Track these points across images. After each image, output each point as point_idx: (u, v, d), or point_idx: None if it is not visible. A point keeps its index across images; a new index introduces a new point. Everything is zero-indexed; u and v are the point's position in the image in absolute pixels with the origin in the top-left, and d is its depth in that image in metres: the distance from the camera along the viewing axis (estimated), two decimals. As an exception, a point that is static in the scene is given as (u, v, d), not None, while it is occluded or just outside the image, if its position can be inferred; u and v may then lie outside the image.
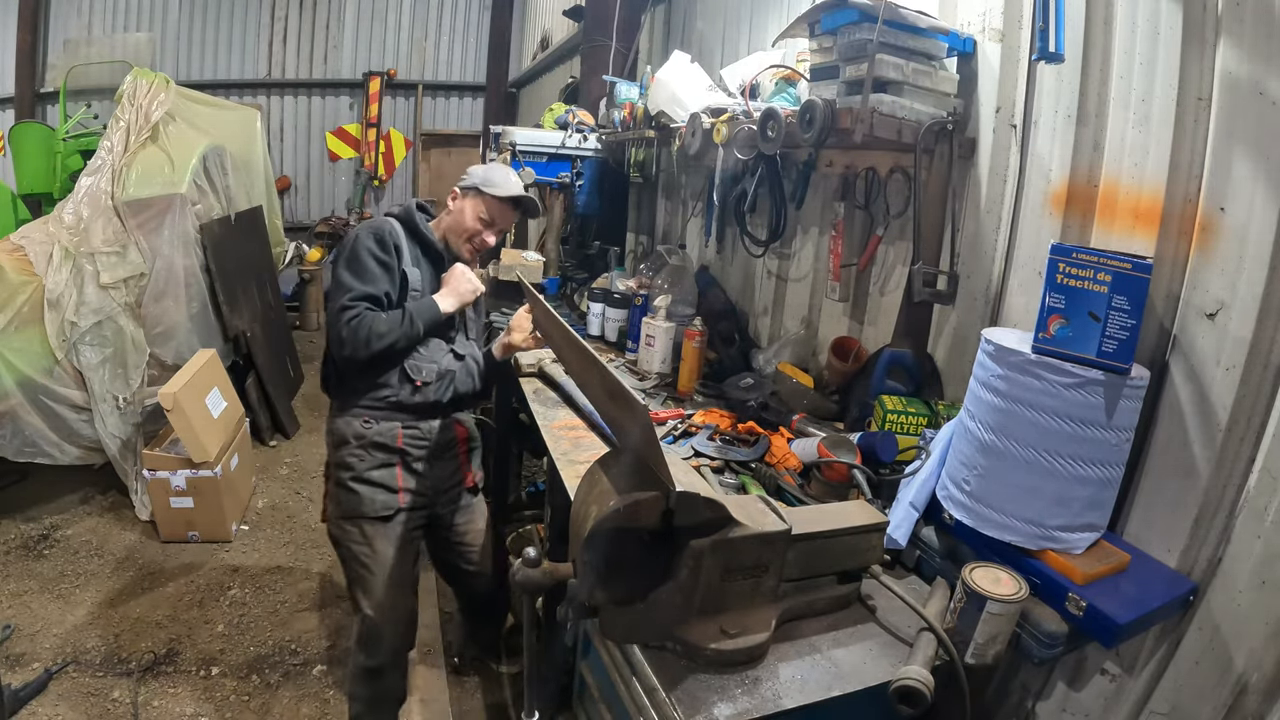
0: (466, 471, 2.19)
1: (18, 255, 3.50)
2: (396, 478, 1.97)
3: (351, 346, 1.81)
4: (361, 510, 1.95)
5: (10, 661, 2.61)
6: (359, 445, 1.95)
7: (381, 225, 1.94)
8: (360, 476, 1.95)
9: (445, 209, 2.09)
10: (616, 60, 4.00)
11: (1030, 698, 1.53)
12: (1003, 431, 1.23)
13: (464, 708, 2.57)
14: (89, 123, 6.84)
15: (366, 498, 1.95)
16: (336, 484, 1.98)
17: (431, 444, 2.04)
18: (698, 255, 3.26)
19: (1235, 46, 1.20)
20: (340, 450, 1.96)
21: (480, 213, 2.04)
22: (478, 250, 2.09)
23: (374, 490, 1.95)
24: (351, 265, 1.87)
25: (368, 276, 1.86)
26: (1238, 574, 1.19)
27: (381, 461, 1.96)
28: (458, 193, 2.09)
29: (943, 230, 1.78)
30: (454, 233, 2.05)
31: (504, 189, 2.05)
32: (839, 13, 1.64)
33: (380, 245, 1.90)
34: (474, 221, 2.04)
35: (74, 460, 3.52)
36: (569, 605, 1.10)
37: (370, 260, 1.87)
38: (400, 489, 1.98)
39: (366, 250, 1.87)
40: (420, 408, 2.00)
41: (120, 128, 4.07)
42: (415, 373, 1.97)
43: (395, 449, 1.97)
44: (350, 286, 1.84)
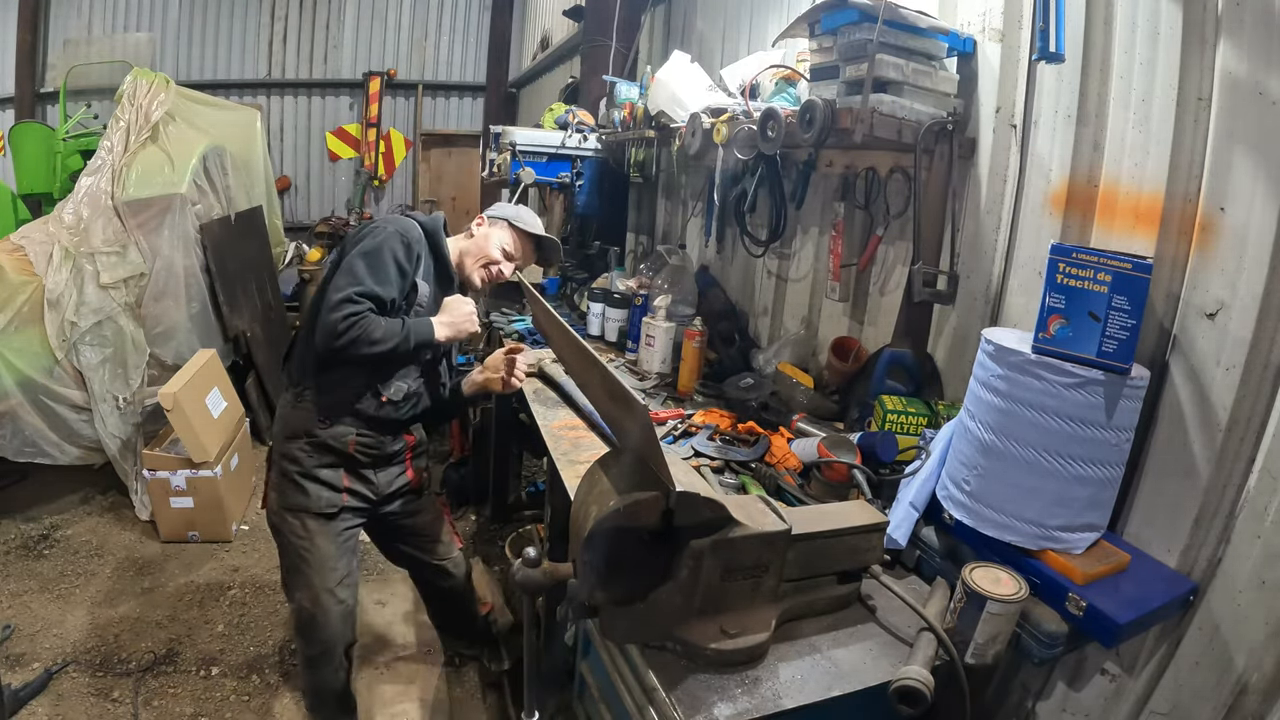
0: (411, 474, 2.19)
1: (18, 255, 3.50)
2: (342, 479, 1.98)
3: (342, 341, 1.75)
4: (305, 505, 1.95)
5: (10, 661, 2.61)
6: (309, 442, 1.93)
7: (410, 231, 1.90)
8: (307, 472, 1.94)
9: (468, 232, 2.10)
10: (616, 60, 4.00)
11: (1030, 698, 1.53)
12: (1003, 431, 1.23)
13: (463, 708, 2.57)
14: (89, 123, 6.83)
15: (312, 494, 1.95)
16: (281, 474, 1.97)
17: (381, 454, 2.04)
18: (698, 255, 3.26)
19: (1235, 46, 1.20)
20: (289, 442, 1.95)
21: (506, 244, 2.07)
22: (492, 280, 2.08)
23: (319, 487, 1.95)
24: (371, 260, 1.81)
25: (383, 277, 1.82)
26: (1238, 574, 1.19)
27: (329, 462, 1.95)
28: (484, 220, 2.11)
29: (943, 230, 1.78)
30: (472, 256, 2.05)
31: (533, 227, 2.12)
32: (839, 13, 1.64)
33: (406, 251, 1.86)
34: (497, 251, 2.05)
35: (74, 460, 3.52)
36: (569, 605, 1.11)
37: (391, 263, 1.83)
38: (345, 489, 1.98)
39: (391, 251, 1.83)
40: (379, 421, 1.98)
41: (120, 128, 4.07)
42: (385, 388, 1.95)
43: (344, 454, 1.96)
44: (362, 280, 1.78)
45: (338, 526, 2.00)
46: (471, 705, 2.58)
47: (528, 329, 2.93)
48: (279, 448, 1.98)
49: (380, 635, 2.87)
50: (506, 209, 2.13)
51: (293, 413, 1.96)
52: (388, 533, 2.25)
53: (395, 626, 2.92)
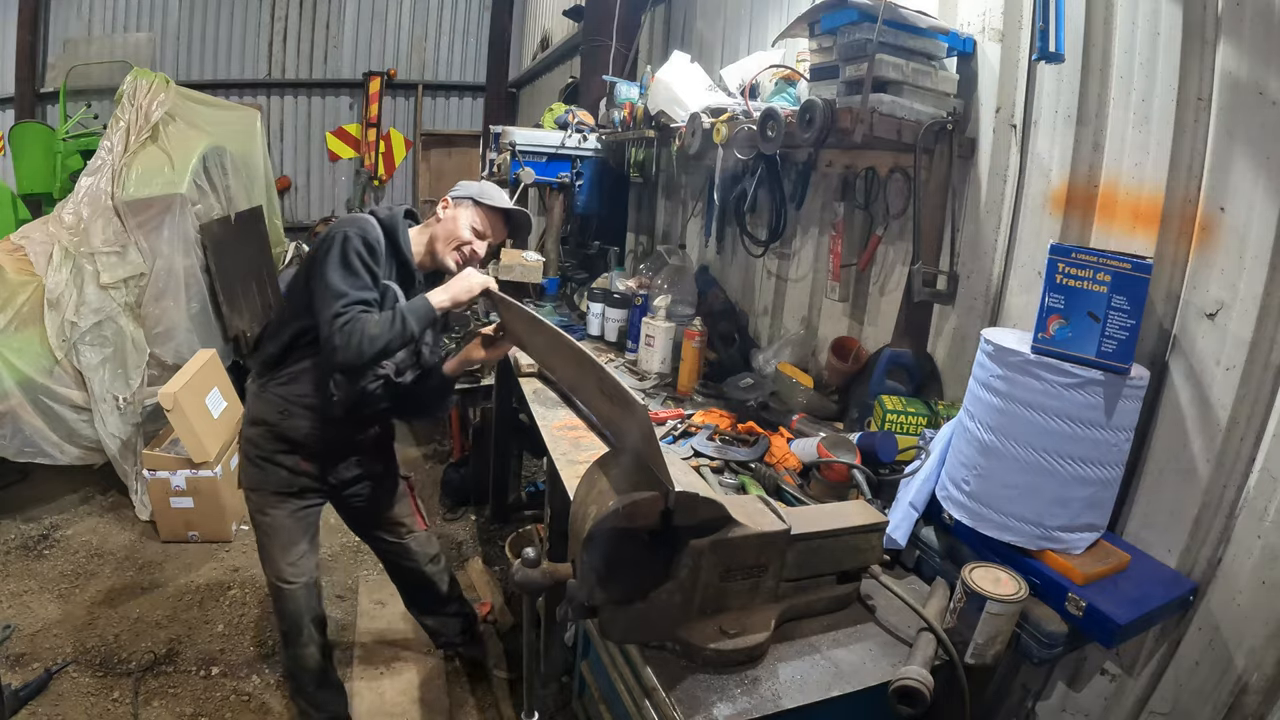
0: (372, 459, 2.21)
1: (18, 255, 3.50)
2: (299, 463, 2.04)
3: (344, 353, 1.73)
4: (264, 485, 2.04)
5: (10, 661, 2.61)
6: (267, 429, 1.99)
7: (367, 228, 1.86)
8: (265, 455, 2.01)
9: (434, 218, 2.07)
10: (616, 60, 4.00)
11: (1030, 698, 1.53)
12: (1002, 432, 1.23)
13: (463, 708, 2.57)
14: (89, 123, 6.84)
15: (271, 474, 2.03)
16: (245, 456, 2.06)
17: (340, 445, 2.08)
18: (698, 255, 3.26)
19: (1235, 46, 1.20)
20: (252, 427, 2.02)
21: (474, 222, 2.04)
22: (466, 260, 2.05)
23: (276, 469, 2.03)
24: (343, 266, 1.79)
25: (357, 279, 1.80)
26: (1238, 574, 1.19)
27: (285, 449, 2.02)
28: (449, 202, 2.07)
29: (943, 230, 1.78)
30: (443, 240, 2.02)
31: (499, 201, 2.09)
32: (839, 13, 1.64)
33: (369, 250, 1.83)
34: (467, 230, 2.02)
35: (74, 460, 3.52)
36: (569, 605, 1.11)
37: (357, 261, 1.80)
38: (302, 472, 2.05)
39: (355, 253, 1.80)
40: (334, 419, 2.00)
41: (120, 128, 4.07)
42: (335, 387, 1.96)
43: (299, 442, 2.01)
44: (342, 291, 1.76)
45: (295, 504, 2.08)
46: (471, 705, 2.58)
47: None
48: (244, 431, 2.06)
49: (380, 635, 2.87)
50: (470, 186, 2.09)
51: (256, 400, 2.02)
52: (349, 513, 2.30)
53: (395, 626, 2.92)
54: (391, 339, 1.77)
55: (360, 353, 1.74)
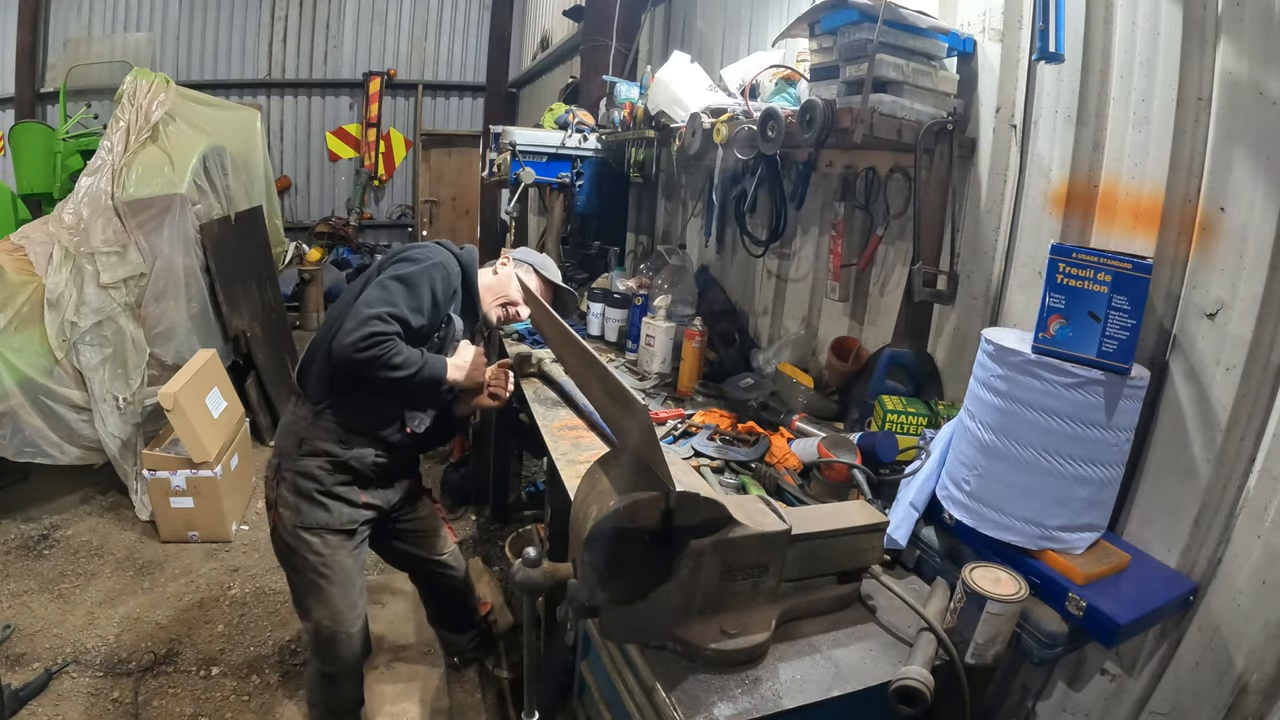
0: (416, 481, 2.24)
1: (18, 255, 3.50)
2: (359, 495, 1.98)
3: (362, 356, 1.72)
4: (328, 523, 1.93)
5: (10, 661, 2.61)
6: (329, 461, 1.91)
7: (450, 265, 1.93)
8: (327, 490, 1.92)
9: (491, 268, 2.15)
10: (616, 60, 4.00)
11: (1030, 698, 1.53)
12: (1003, 431, 1.23)
13: (463, 707, 2.57)
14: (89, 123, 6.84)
15: (334, 511, 1.94)
16: (297, 492, 1.92)
17: (395, 473, 2.07)
18: (698, 255, 3.26)
19: (1235, 46, 1.20)
20: (307, 459, 1.90)
21: (529, 286, 2.15)
22: (508, 319, 2.16)
23: (340, 504, 1.95)
24: (410, 285, 1.82)
25: (417, 304, 1.82)
26: (1238, 574, 1.19)
27: (348, 480, 1.95)
28: (509, 259, 2.18)
29: (943, 230, 1.78)
30: (493, 293, 2.11)
31: (555, 276, 2.25)
32: (839, 13, 1.64)
33: (445, 284, 1.89)
34: (518, 292, 2.12)
35: (74, 460, 3.52)
36: (569, 605, 1.10)
37: (428, 293, 1.84)
38: (362, 504, 1.99)
39: (429, 281, 1.85)
40: (398, 449, 2.02)
41: (120, 128, 4.07)
42: (411, 421, 1.99)
43: (362, 473, 1.97)
44: (396, 303, 1.77)
45: (355, 541, 2.01)
46: (471, 705, 2.58)
47: (527, 329, 2.93)
48: (292, 464, 1.92)
49: (380, 635, 2.87)
50: (534, 255, 2.24)
51: (311, 429, 1.91)
52: (390, 536, 2.24)
53: (395, 626, 2.92)
54: (405, 377, 1.79)
55: (372, 367, 1.74)
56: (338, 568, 1.97)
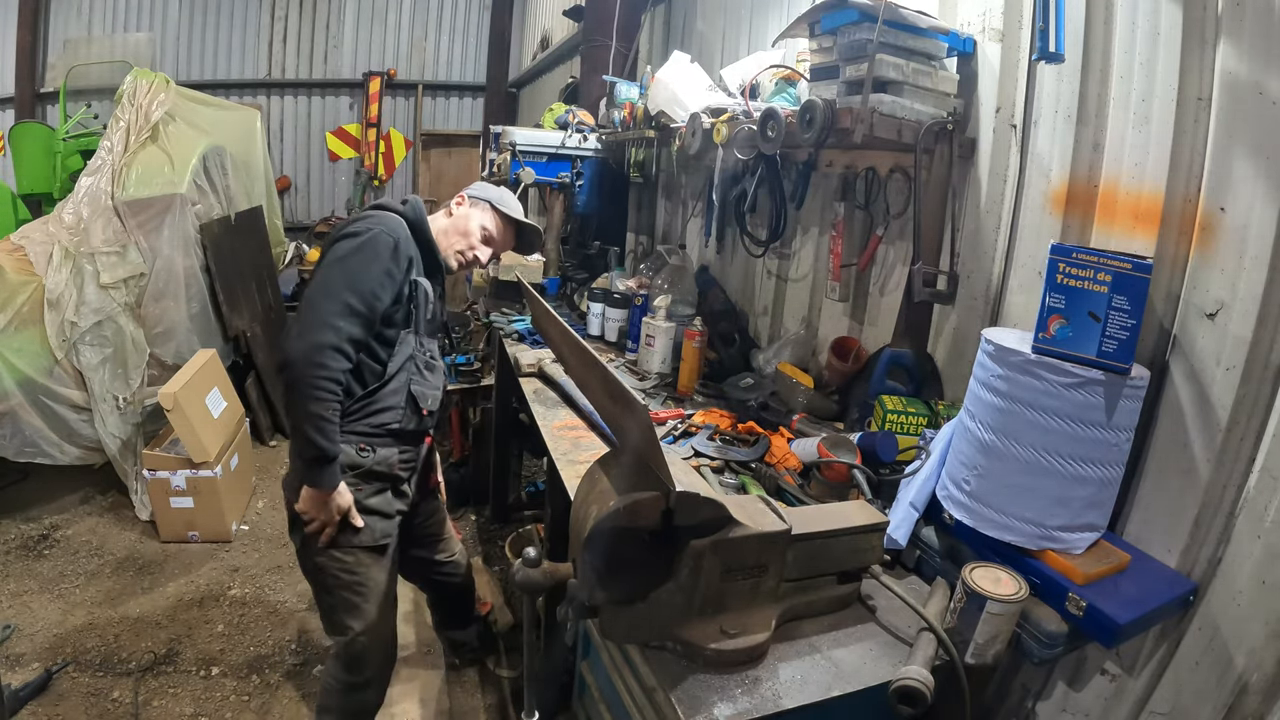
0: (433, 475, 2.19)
1: (18, 255, 3.50)
2: (392, 503, 1.90)
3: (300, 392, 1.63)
4: (361, 541, 1.83)
5: (10, 661, 2.61)
6: (355, 474, 1.80)
7: (396, 229, 1.76)
8: (361, 506, 1.82)
9: (445, 209, 2.00)
10: (616, 60, 4.00)
11: (1030, 698, 1.53)
12: (1003, 431, 1.23)
13: (463, 708, 2.57)
14: (89, 123, 6.84)
15: (369, 527, 1.83)
16: None
17: (418, 463, 2.01)
18: (698, 255, 3.26)
19: (1235, 46, 1.20)
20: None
21: (486, 225, 1.98)
22: (467, 264, 1.99)
23: (374, 519, 1.85)
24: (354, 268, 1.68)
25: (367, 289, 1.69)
26: (1238, 574, 1.19)
27: (377, 489, 1.86)
28: (465, 199, 2.00)
29: (943, 230, 1.78)
30: (450, 236, 1.95)
31: (516, 212, 2.04)
32: (839, 13, 1.64)
33: (394, 256, 1.73)
34: (477, 232, 1.96)
35: (74, 460, 3.52)
36: (569, 605, 1.11)
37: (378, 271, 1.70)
38: (395, 512, 1.91)
39: (376, 256, 1.70)
40: (419, 434, 1.95)
41: (120, 128, 4.07)
42: (423, 401, 1.89)
43: (390, 476, 1.87)
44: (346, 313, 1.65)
45: (388, 553, 1.93)
46: (471, 706, 2.58)
47: (527, 329, 2.93)
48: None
49: (380, 635, 2.87)
50: (489, 190, 2.03)
51: None
52: (409, 540, 2.13)
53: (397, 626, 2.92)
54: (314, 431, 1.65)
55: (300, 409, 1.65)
56: (373, 583, 1.88)
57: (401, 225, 1.80)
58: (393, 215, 1.81)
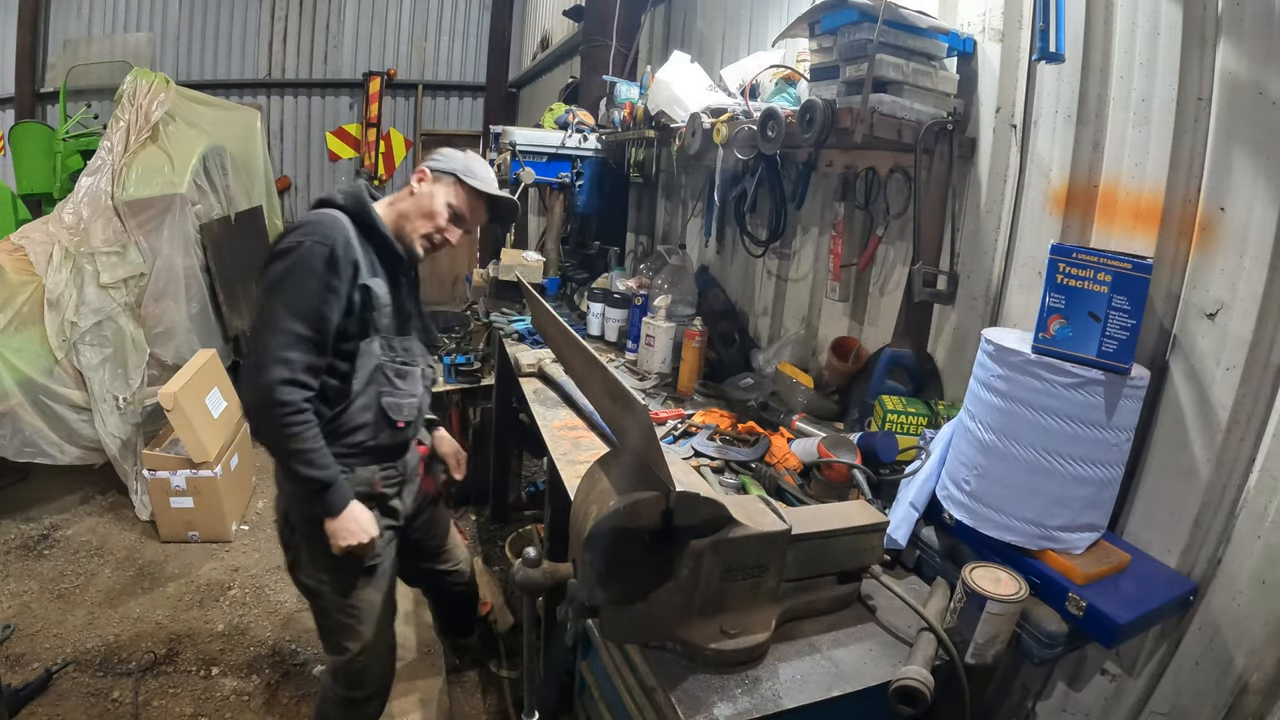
0: (428, 484, 2.08)
1: (18, 255, 3.51)
2: (379, 519, 1.79)
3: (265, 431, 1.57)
4: (351, 563, 1.74)
5: (10, 661, 2.61)
6: None
7: (331, 234, 1.58)
8: None
9: (406, 189, 1.79)
10: (616, 60, 4.00)
11: (1030, 698, 1.53)
12: (1003, 431, 1.23)
13: (464, 708, 2.57)
14: (89, 123, 6.84)
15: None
16: (308, 539, 1.74)
17: (404, 477, 1.88)
18: (698, 255, 3.26)
19: (1235, 46, 1.20)
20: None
21: (453, 201, 1.77)
22: (435, 247, 1.80)
23: None
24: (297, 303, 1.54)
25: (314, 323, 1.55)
26: (1238, 574, 1.19)
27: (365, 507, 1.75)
28: (428, 174, 1.78)
29: (943, 230, 1.78)
30: (413, 219, 1.75)
31: (485, 183, 1.81)
32: (839, 13, 1.64)
33: (331, 267, 1.56)
34: (443, 210, 1.75)
35: (74, 460, 3.52)
36: (569, 605, 1.11)
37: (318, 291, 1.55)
38: (384, 529, 1.80)
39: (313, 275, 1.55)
40: (398, 447, 1.83)
41: (120, 128, 4.07)
42: (396, 413, 1.75)
43: (374, 495, 1.77)
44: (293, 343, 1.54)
45: (380, 571, 1.84)
46: (471, 705, 2.58)
47: (527, 329, 2.93)
48: (302, 509, 1.74)
49: (380, 635, 2.88)
50: (454, 160, 1.80)
51: None
52: (406, 551, 2.04)
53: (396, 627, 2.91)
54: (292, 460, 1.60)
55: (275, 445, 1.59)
56: (366, 604, 1.81)
57: (341, 225, 1.62)
58: (330, 215, 1.64)
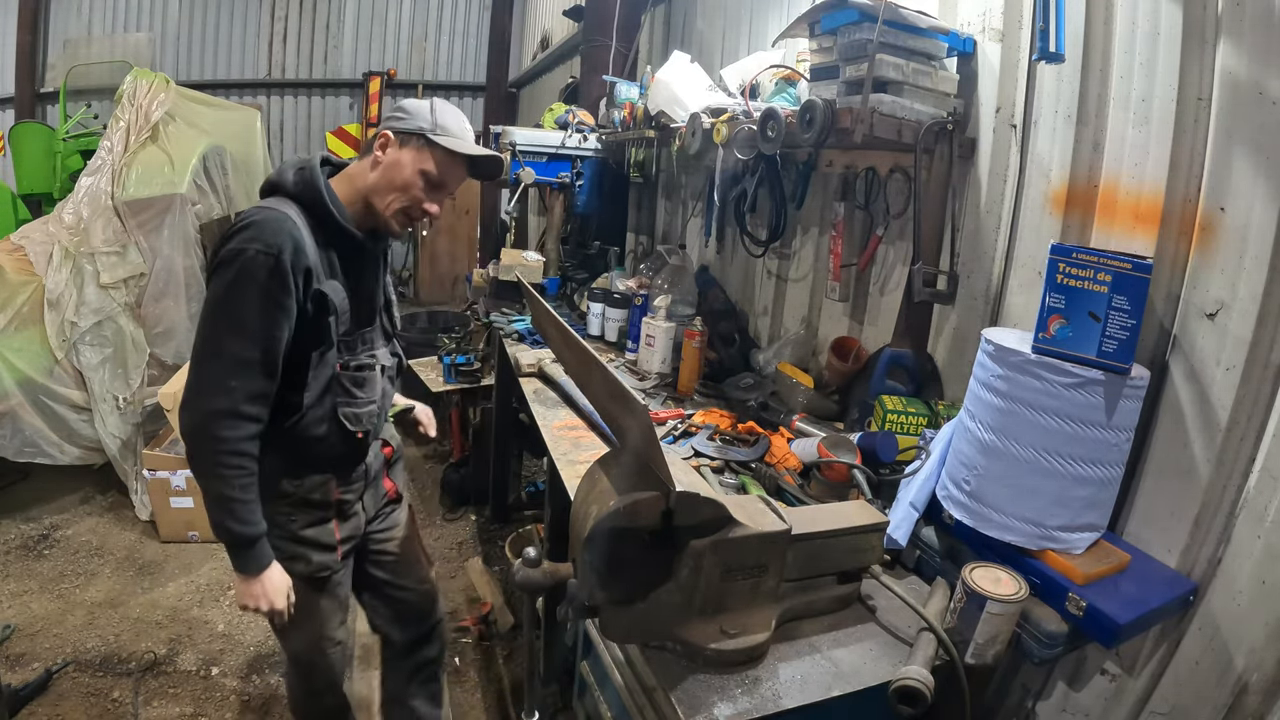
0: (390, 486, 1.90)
1: (18, 255, 3.51)
2: (333, 532, 1.64)
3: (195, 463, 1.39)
4: (295, 570, 1.59)
5: (10, 661, 2.61)
6: (286, 504, 1.58)
7: (277, 239, 1.36)
8: (292, 535, 1.59)
9: (370, 159, 1.51)
10: (616, 60, 4.00)
11: (1030, 698, 1.53)
12: (1003, 431, 1.23)
13: (463, 708, 2.57)
14: (89, 123, 6.85)
15: (301, 557, 1.61)
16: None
17: (365, 482, 1.73)
18: (698, 255, 3.26)
19: (1235, 46, 1.20)
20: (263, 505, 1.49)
21: (427, 168, 1.49)
22: (414, 221, 1.55)
23: (308, 549, 1.62)
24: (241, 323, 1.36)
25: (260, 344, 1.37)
26: (1238, 574, 1.19)
27: (315, 519, 1.62)
28: (391, 138, 1.49)
29: (943, 230, 1.78)
30: (383, 193, 1.49)
31: (461, 142, 1.51)
32: (839, 13, 1.64)
33: (277, 279, 1.35)
34: (416, 180, 1.48)
35: (74, 460, 3.52)
36: (569, 605, 1.10)
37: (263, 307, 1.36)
38: (337, 543, 1.66)
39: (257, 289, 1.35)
40: (358, 454, 1.67)
41: (120, 128, 4.07)
42: (355, 423, 1.58)
43: (330, 503, 1.63)
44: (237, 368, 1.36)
45: (334, 580, 1.71)
46: (472, 705, 2.58)
47: (527, 329, 2.93)
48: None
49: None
50: (420, 115, 1.49)
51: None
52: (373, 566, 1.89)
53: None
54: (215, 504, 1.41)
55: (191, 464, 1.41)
56: (315, 609, 1.68)
57: (289, 225, 1.39)
58: (276, 215, 1.40)
